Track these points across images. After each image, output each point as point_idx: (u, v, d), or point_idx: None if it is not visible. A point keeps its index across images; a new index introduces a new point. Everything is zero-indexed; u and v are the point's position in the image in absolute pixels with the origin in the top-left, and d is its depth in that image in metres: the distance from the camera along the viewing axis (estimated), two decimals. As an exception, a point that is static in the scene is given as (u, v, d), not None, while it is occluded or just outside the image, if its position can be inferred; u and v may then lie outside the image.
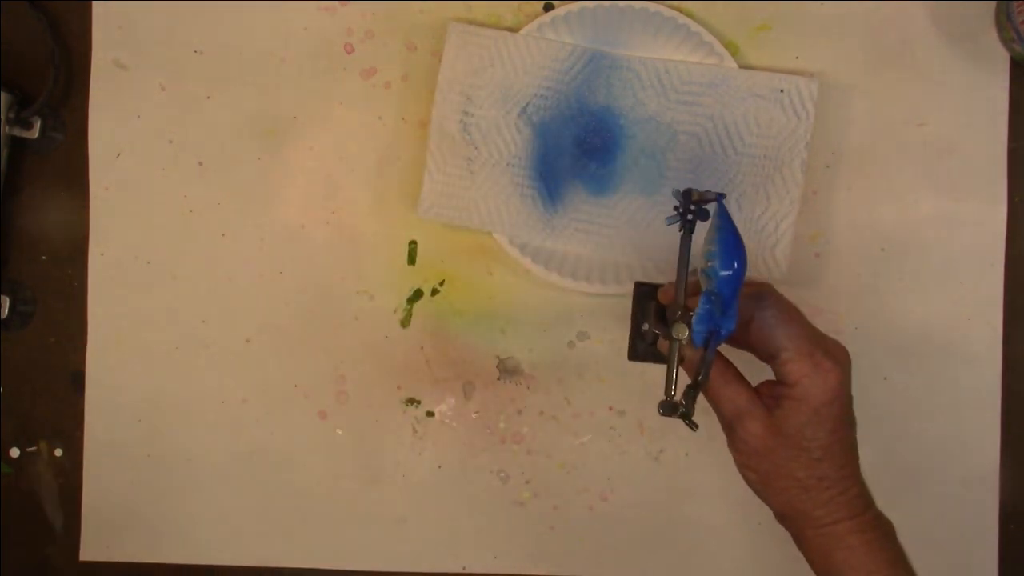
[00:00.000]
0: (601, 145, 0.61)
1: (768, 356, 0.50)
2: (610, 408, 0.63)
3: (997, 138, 0.62)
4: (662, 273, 0.61)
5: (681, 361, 0.48)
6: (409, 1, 0.63)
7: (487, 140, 0.61)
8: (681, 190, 0.48)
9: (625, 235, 0.61)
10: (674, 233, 0.61)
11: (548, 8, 0.62)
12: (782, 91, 0.60)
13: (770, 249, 0.60)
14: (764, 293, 0.50)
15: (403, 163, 0.63)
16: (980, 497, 0.63)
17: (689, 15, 0.60)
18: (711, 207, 0.48)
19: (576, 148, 0.62)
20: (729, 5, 0.62)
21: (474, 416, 0.64)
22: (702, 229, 0.48)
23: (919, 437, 0.63)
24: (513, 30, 0.61)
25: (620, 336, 0.63)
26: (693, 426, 0.48)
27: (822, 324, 0.62)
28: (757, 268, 0.61)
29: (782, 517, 0.52)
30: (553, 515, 0.64)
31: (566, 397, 0.64)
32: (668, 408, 0.47)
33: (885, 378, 0.63)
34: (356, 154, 0.63)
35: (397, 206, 0.63)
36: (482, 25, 0.62)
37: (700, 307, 0.45)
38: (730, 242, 0.46)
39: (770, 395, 0.50)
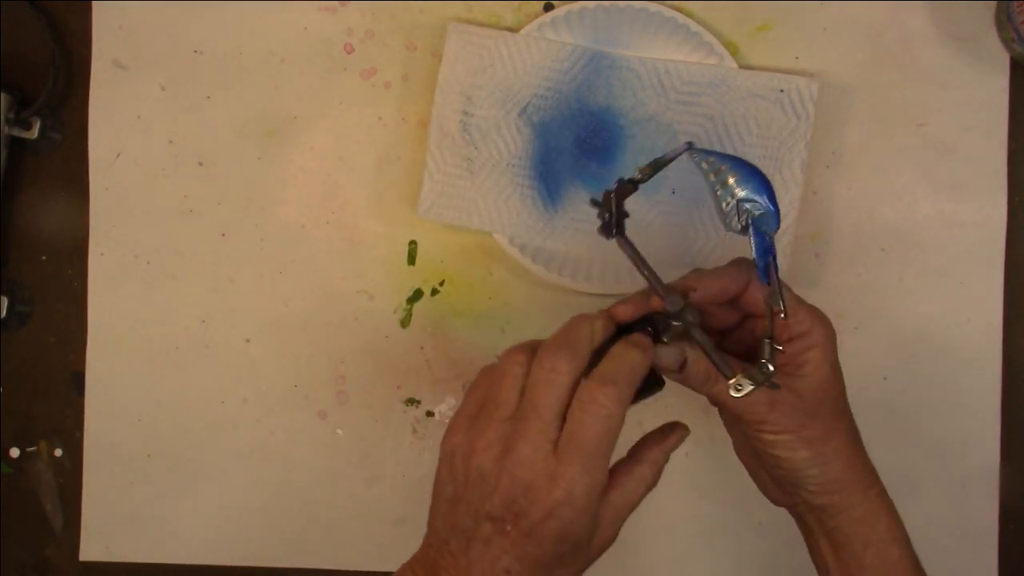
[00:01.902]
0: (601, 145, 0.61)
1: (771, 313, 0.47)
2: (610, 408, 0.63)
3: (997, 138, 0.62)
4: (661, 273, 0.61)
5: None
6: (409, 1, 0.63)
7: (487, 140, 0.61)
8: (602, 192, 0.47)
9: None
10: (672, 233, 0.62)
11: (548, 8, 0.62)
12: (782, 91, 0.60)
13: (770, 249, 0.60)
14: (744, 259, 0.49)
15: (403, 163, 0.63)
16: (980, 497, 0.63)
17: (689, 15, 0.60)
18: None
19: (576, 148, 0.62)
20: (729, 5, 0.62)
21: (474, 416, 0.64)
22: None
23: (919, 437, 0.63)
24: (513, 30, 0.61)
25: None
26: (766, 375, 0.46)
27: (822, 324, 0.63)
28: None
29: (837, 483, 0.48)
30: (553, 515, 0.64)
31: (566, 397, 0.64)
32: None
33: (885, 378, 0.63)
34: (356, 154, 0.63)
35: (397, 206, 0.63)
36: (482, 25, 0.62)
37: (754, 240, 0.46)
38: (743, 165, 0.47)
39: (790, 363, 0.48)
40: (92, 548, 0.64)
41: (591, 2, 0.60)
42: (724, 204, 0.47)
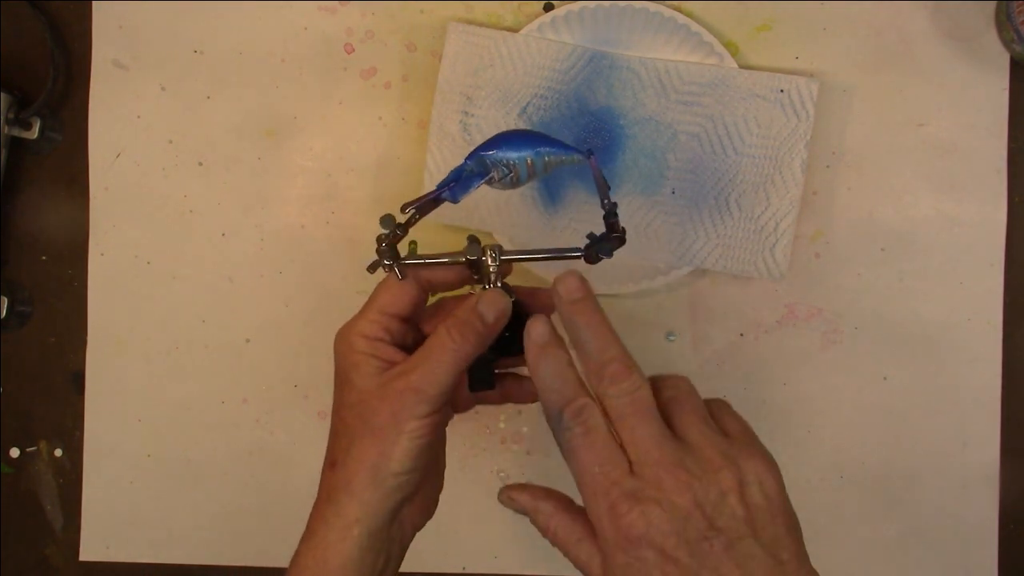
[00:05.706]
0: (601, 145, 0.61)
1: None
2: (610, 408, 0.63)
3: (997, 138, 0.62)
4: (661, 273, 0.61)
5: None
6: (409, 1, 0.63)
7: (487, 140, 0.61)
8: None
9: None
10: (672, 233, 0.62)
11: (548, 8, 0.62)
12: (782, 91, 0.60)
13: (770, 249, 0.60)
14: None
15: (403, 163, 0.63)
16: (980, 497, 0.63)
17: (689, 15, 0.60)
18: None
19: (576, 148, 0.61)
20: (729, 5, 0.62)
21: (474, 416, 0.64)
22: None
23: (919, 437, 0.63)
24: (513, 30, 0.61)
25: (620, 336, 0.63)
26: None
27: (822, 324, 0.63)
28: (756, 268, 0.61)
29: None
30: (553, 515, 0.64)
31: (566, 397, 0.63)
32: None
33: (885, 378, 0.63)
34: (356, 154, 0.63)
35: (397, 206, 0.63)
36: (482, 25, 0.62)
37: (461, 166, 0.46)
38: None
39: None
40: (92, 548, 0.64)
41: (591, 2, 0.60)
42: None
